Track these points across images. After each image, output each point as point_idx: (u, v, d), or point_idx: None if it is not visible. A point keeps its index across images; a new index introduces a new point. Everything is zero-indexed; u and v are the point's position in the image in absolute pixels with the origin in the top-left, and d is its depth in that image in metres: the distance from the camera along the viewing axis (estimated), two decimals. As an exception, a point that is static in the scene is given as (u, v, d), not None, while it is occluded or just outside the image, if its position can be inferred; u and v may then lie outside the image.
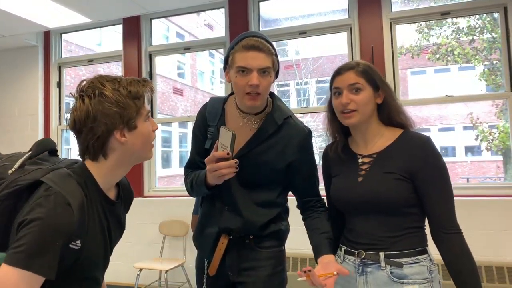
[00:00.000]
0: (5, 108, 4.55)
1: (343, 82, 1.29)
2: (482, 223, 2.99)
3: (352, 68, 1.30)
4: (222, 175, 1.27)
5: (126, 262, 3.66)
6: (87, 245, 0.97)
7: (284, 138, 1.42)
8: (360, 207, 1.29)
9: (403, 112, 1.34)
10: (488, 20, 8.89)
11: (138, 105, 1.03)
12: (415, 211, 1.26)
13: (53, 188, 0.93)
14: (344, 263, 1.33)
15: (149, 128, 1.08)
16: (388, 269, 1.22)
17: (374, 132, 1.33)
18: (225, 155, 1.26)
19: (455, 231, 1.22)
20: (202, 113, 1.53)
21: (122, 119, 1.00)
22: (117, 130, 1.00)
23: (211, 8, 4.14)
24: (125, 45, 4.22)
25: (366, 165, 1.31)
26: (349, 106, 1.27)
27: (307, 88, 14.63)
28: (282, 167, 1.42)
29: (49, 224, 0.88)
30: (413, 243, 1.24)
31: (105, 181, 1.05)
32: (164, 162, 12.06)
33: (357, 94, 1.27)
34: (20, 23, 3.79)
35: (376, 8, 3.43)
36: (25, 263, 0.85)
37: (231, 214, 1.43)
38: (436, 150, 1.26)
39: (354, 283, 1.29)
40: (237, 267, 1.43)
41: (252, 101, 1.35)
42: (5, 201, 0.96)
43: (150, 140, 1.09)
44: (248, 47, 1.32)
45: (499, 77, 8.70)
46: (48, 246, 0.87)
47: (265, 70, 1.33)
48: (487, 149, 10.31)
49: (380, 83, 1.31)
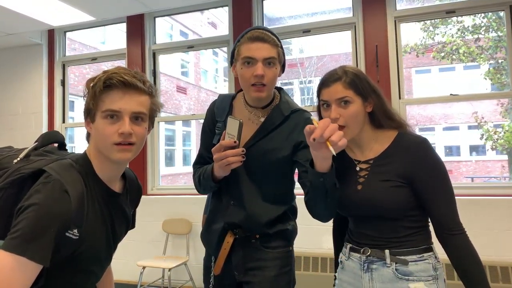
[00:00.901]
0: (9, 106, 4.57)
1: (331, 96, 1.23)
2: (487, 223, 2.98)
3: (339, 79, 1.23)
4: (229, 164, 1.27)
5: (129, 260, 3.67)
6: (86, 236, 0.97)
7: (290, 125, 1.42)
8: (361, 214, 1.29)
9: (393, 117, 1.31)
10: (493, 19, 8.83)
11: (101, 97, 0.99)
12: (417, 213, 1.25)
13: (53, 175, 0.93)
14: (350, 260, 1.33)
15: (104, 127, 0.98)
16: (394, 266, 1.22)
17: (369, 138, 1.31)
18: (232, 143, 1.26)
19: (459, 232, 1.21)
20: (211, 109, 1.54)
21: (87, 108, 1.02)
22: (86, 118, 1.03)
23: (215, 6, 4.14)
24: (129, 44, 4.22)
25: (364, 171, 1.30)
26: (338, 122, 1.21)
27: (311, 86, 14.62)
28: (288, 153, 1.40)
29: (44, 209, 0.88)
30: (418, 242, 1.24)
31: (104, 173, 1.05)
32: (168, 160, 12.08)
33: (346, 106, 1.22)
34: (25, 21, 3.80)
35: (381, 6, 3.41)
36: (20, 248, 0.85)
37: (237, 208, 1.42)
38: (431, 151, 1.24)
39: (359, 280, 1.29)
40: (243, 267, 1.42)
41: (258, 93, 1.35)
42: (9, 189, 0.97)
43: (107, 141, 0.99)
44: (253, 38, 1.34)
45: (504, 76, 8.65)
46: (44, 231, 0.88)
47: (270, 61, 1.34)
48: (492, 148, 10.25)
49: (368, 93, 1.25)
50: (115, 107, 0.98)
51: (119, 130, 0.98)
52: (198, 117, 4.77)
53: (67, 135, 4.61)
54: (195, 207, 3.63)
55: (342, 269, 1.37)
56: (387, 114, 1.30)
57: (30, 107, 4.49)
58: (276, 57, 1.35)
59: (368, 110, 1.28)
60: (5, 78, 4.61)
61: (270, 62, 1.34)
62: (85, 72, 9.27)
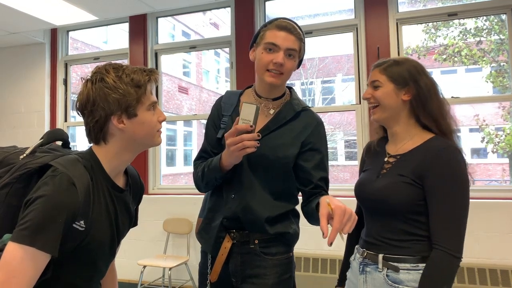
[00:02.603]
0: (12, 104, 4.58)
1: (370, 78, 1.36)
2: (487, 226, 2.97)
3: (378, 66, 1.35)
4: (244, 148, 1.23)
5: (130, 259, 3.68)
6: (92, 228, 0.99)
7: (301, 124, 1.43)
8: (371, 206, 1.31)
9: (438, 119, 1.28)
10: (495, 22, 8.83)
11: (138, 93, 1.03)
12: (423, 220, 1.21)
13: (60, 169, 0.95)
14: (354, 260, 1.36)
15: (152, 118, 1.07)
16: (385, 271, 1.22)
17: (403, 133, 1.32)
18: (248, 127, 1.23)
19: (441, 248, 1.15)
20: (217, 104, 1.53)
21: (120, 105, 1.01)
22: (115, 116, 1.02)
23: (218, 7, 4.15)
24: (131, 43, 4.24)
25: (389, 164, 1.32)
26: (370, 100, 1.33)
27: (313, 88, 14.61)
28: (295, 152, 1.39)
29: (53, 201, 0.90)
30: (415, 250, 1.21)
31: (111, 167, 1.06)
32: (169, 160, 12.10)
33: (376, 89, 1.32)
34: (28, 20, 3.82)
35: (383, 8, 3.42)
36: (29, 239, 0.87)
37: (237, 201, 1.38)
38: (452, 160, 1.19)
39: (358, 281, 1.31)
40: (241, 274, 1.38)
41: (273, 78, 1.36)
42: (16, 184, 0.98)
43: (154, 130, 1.08)
44: (281, 27, 1.36)
45: (506, 79, 8.64)
46: (52, 222, 0.89)
47: (291, 53, 1.36)
48: (493, 151, 10.24)
49: (405, 80, 1.28)
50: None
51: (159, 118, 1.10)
52: (200, 117, 4.78)
53: (69, 133, 4.63)
54: (196, 207, 3.60)
55: (350, 268, 1.40)
56: (430, 112, 1.28)
57: (32, 105, 4.51)
58: (297, 50, 1.38)
59: (405, 99, 1.29)
60: (8, 76, 4.63)
61: (291, 54, 1.37)
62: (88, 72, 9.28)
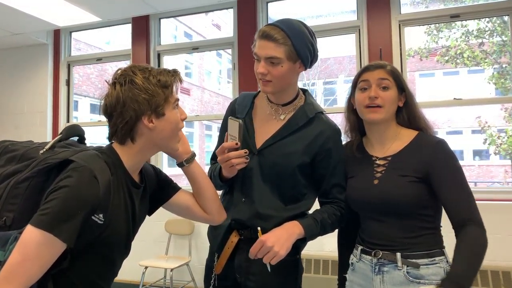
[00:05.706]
0: (15, 104, 4.60)
1: (373, 76, 1.33)
2: (489, 228, 2.91)
3: (381, 67, 1.35)
4: (232, 166, 1.27)
5: (132, 259, 3.64)
6: (110, 222, 1.01)
7: (314, 131, 1.38)
8: (375, 209, 1.30)
9: (420, 118, 1.37)
10: (498, 23, 8.82)
11: (166, 93, 1.07)
12: (430, 213, 1.27)
13: (82, 163, 0.97)
14: (361, 262, 1.34)
15: (177, 116, 1.12)
16: (405, 269, 1.23)
17: (392, 134, 1.35)
18: (234, 145, 1.26)
19: (477, 224, 1.22)
20: (231, 106, 1.54)
21: (150, 105, 1.04)
22: (145, 115, 1.05)
23: (220, 8, 4.15)
24: (134, 44, 4.25)
25: (381, 167, 1.32)
26: (376, 100, 1.30)
27: (314, 89, 14.61)
28: (307, 161, 1.37)
29: (75, 192, 0.92)
30: (429, 244, 1.25)
31: (131, 164, 1.09)
32: (171, 161, 12.09)
33: (385, 91, 1.31)
34: (30, 21, 3.83)
35: (385, 9, 3.41)
36: (48, 225, 0.89)
37: (247, 206, 1.38)
38: (449, 150, 1.28)
39: (370, 282, 1.29)
40: (245, 270, 1.37)
41: (263, 87, 1.36)
42: (35, 178, 1.00)
43: (178, 128, 1.13)
44: (261, 35, 1.31)
45: (508, 80, 8.63)
46: (71, 212, 0.91)
47: (272, 61, 1.30)
48: (495, 153, 10.23)
49: (403, 87, 1.35)
50: None
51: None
52: (202, 118, 4.78)
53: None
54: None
55: (353, 270, 1.37)
56: (416, 114, 1.36)
57: (35, 106, 4.52)
58: (279, 57, 1.28)
59: (400, 104, 1.35)
60: (11, 77, 4.65)
61: (273, 62, 1.30)
62: (90, 72, 9.32)
